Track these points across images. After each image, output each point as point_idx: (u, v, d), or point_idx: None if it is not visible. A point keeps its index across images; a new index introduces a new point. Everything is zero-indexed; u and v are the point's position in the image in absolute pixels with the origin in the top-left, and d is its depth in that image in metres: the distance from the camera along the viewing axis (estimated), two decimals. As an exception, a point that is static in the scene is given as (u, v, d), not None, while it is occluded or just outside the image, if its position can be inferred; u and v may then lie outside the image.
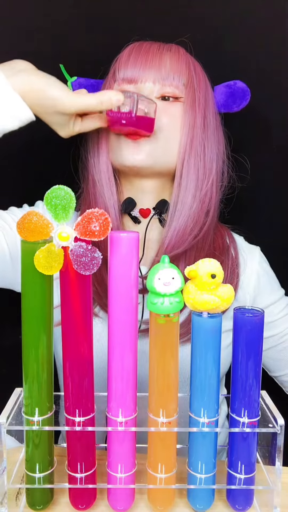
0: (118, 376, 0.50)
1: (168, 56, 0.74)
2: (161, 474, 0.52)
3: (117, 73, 0.75)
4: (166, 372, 0.49)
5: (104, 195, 0.75)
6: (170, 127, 0.73)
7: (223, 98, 0.79)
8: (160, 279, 0.45)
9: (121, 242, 0.47)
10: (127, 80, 0.74)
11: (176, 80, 0.73)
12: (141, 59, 0.74)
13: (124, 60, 0.75)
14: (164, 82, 0.73)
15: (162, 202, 0.76)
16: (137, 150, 0.72)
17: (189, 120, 0.73)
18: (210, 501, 0.54)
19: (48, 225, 0.44)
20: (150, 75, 0.73)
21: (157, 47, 0.75)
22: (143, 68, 0.73)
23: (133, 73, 0.74)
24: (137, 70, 0.74)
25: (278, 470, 0.51)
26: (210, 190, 0.75)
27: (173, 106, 0.74)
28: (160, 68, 0.73)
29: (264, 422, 0.51)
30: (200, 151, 0.74)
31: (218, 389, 0.50)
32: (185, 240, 0.73)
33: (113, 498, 0.53)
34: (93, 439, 0.52)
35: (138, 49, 0.75)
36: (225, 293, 0.47)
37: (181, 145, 0.73)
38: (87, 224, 0.44)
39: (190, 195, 0.74)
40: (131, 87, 0.74)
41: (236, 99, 0.79)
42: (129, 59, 0.75)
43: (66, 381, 0.50)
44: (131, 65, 0.74)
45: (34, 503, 0.53)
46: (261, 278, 0.80)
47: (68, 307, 0.47)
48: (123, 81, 0.75)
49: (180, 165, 0.74)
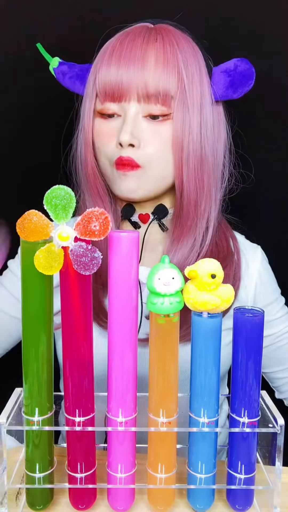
0: (118, 376, 0.50)
1: (153, 58, 0.66)
2: (161, 474, 0.52)
3: (98, 84, 0.68)
4: (166, 372, 0.49)
5: (103, 204, 0.74)
6: (160, 154, 0.68)
7: (221, 89, 0.71)
8: (160, 279, 0.45)
9: (121, 242, 0.47)
10: (110, 97, 0.68)
11: (162, 96, 0.66)
12: (122, 67, 0.66)
13: (104, 70, 0.67)
14: (149, 100, 0.66)
15: (160, 207, 0.75)
16: (127, 182, 0.69)
17: (182, 138, 0.68)
18: (210, 501, 0.54)
19: (48, 225, 0.44)
20: (134, 93, 0.66)
21: (140, 46, 0.66)
22: (126, 82, 0.66)
23: (115, 88, 0.67)
24: (119, 85, 0.66)
25: (278, 470, 0.51)
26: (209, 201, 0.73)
27: (161, 126, 0.68)
28: (145, 82, 0.65)
29: (264, 422, 0.51)
30: (197, 165, 0.70)
31: (218, 389, 0.50)
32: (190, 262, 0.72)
33: (113, 498, 0.53)
34: (93, 439, 0.52)
35: (119, 52, 0.67)
36: (225, 293, 0.47)
37: (176, 166, 0.69)
38: (87, 223, 0.44)
39: (192, 206, 0.72)
40: (115, 106, 0.68)
41: (237, 88, 0.71)
42: (110, 67, 0.66)
43: (66, 381, 0.50)
44: (113, 78, 0.66)
45: (34, 503, 0.53)
46: (262, 277, 0.80)
47: (68, 307, 0.47)
48: (105, 98, 0.68)
49: (179, 182, 0.70)
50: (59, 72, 0.75)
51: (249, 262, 0.79)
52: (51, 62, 0.76)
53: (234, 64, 0.71)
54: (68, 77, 0.74)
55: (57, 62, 0.76)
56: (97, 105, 0.70)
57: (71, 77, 0.74)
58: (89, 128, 0.71)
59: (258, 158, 0.84)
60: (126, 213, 0.75)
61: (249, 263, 0.79)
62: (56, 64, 0.76)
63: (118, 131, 0.68)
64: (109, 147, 0.70)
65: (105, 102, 0.69)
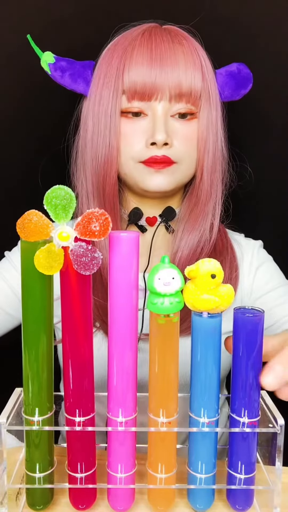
0: (118, 376, 0.50)
1: (182, 58, 0.67)
2: (161, 474, 0.52)
3: (127, 82, 0.68)
4: (166, 372, 0.49)
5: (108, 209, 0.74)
6: (189, 151, 0.71)
7: (227, 90, 0.74)
8: (160, 279, 0.45)
9: (121, 242, 0.47)
10: (140, 96, 0.68)
11: (194, 94, 0.69)
12: (155, 66, 0.66)
13: (134, 64, 0.67)
14: (181, 99, 0.68)
15: (168, 209, 0.76)
16: (161, 179, 0.71)
17: (206, 135, 0.71)
18: (210, 501, 0.54)
19: (48, 225, 0.44)
20: (166, 92, 0.67)
21: (168, 46, 0.68)
22: (159, 78, 0.66)
23: (146, 87, 0.67)
24: (152, 82, 0.67)
25: (278, 470, 0.51)
26: (218, 201, 0.75)
27: (189, 124, 0.71)
28: (179, 81, 0.67)
29: (264, 422, 0.51)
30: (214, 160, 0.73)
31: (218, 389, 0.50)
32: (196, 259, 0.73)
33: (113, 498, 0.53)
34: (93, 439, 0.52)
35: (149, 50, 0.67)
36: (225, 293, 0.47)
37: (199, 162, 0.72)
38: (87, 224, 0.44)
39: (203, 208, 0.74)
40: (144, 104, 0.69)
41: (241, 89, 0.75)
42: (143, 64, 0.66)
43: (66, 381, 0.50)
44: (146, 75, 0.66)
45: (34, 503, 0.53)
46: (259, 268, 0.80)
47: (68, 307, 0.47)
48: (134, 96, 0.68)
49: (199, 179, 0.73)
50: (58, 68, 0.72)
51: (244, 257, 0.80)
52: (42, 57, 0.72)
53: (236, 68, 0.74)
54: (68, 74, 0.72)
55: (51, 56, 0.72)
56: (123, 104, 0.70)
57: (73, 74, 0.72)
58: (116, 129, 0.70)
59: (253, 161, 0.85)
60: (133, 217, 0.75)
61: (244, 257, 0.80)
62: (52, 59, 0.72)
63: (146, 130, 0.69)
64: (135, 147, 0.70)
65: (132, 101, 0.69)
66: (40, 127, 0.97)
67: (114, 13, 0.85)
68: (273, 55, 0.95)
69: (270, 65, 0.95)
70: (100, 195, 0.74)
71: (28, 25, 0.92)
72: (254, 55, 0.89)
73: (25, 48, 0.75)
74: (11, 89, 0.99)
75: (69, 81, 0.72)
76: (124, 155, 0.71)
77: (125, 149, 0.71)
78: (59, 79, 0.73)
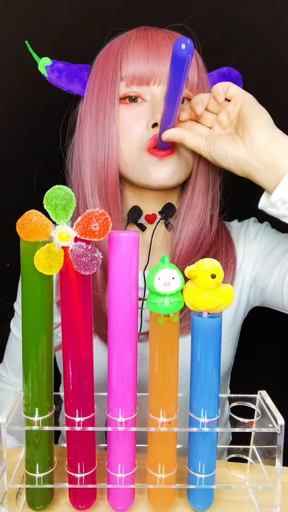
0: (118, 376, 0.50)
1: None
2: (161, 474, 0.52)
3: (125, 68, 0.69)
4: (166, 372, 0.49)
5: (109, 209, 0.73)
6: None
7: None
8: (160, 279, 0.45)
9: (121, 242, 0.47)
10: (138, 80, 0.69)
11: (191, 80, 0.70)
12: (152, 53, 0.68)
13: (132, 53, 0.68)
14: None
15: (168, 205, 0.75)
16: (165, 168, 0.70)
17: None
18: (210, 501, 0.54)
19: (48, 225, 0.44)
20: (164, 75, 0.67)
21: (163, 37, 0.69)
22: (157, 64, 0.67)
23: (145, 71, 0.68)
24: (150, 67, 0.67)
25: (278, 470, 0.51)
26: (217, 192, 0.75)
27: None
28: None
29: (264, 422, 0.51)
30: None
31: (218, 389, 0.50)
32: (197, 251, 0.73)
33: (113, 498, 0.53)
34: (93, 439, 0.52)
35: (145, 40, 0.69)
36: (225, 293, 0.47)
37: (197, 154, 0.71)
38: (87, 224, 0.44)
39: (201, 198, 0.74)
40: (143, 89, 0.69)
41: None
42: (140, 52, 0.68)
43: (66, 381, 0.50)
44: (144, 60, 0.68)
45: (34, 503, 0.53)
46: (257, 237, 0.79)
47: (68, 307, 0.47)
48: (132, 82, 0.69)
49: (196, 170, 0.73)
50: (55, 69, 0.73)
51: (239, 240, 0.80)
52: (39, 62, 0.73)
53: (227, 69, 0.76)
54: (65, 74, 0.73)
55: (49, 60, 0.74)
56: (121, 90, 0.70)
57: (69, 75, 0.73)
58: (115, 116, 0.70)
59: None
60: (133, 215, 0.75)
61: (239, 240, 0.80)
62: (49, 62, 0.73)
63: (146, 114, 0.69)
64: (136, 131, 0.70)
65: (131, 86, 0.69)
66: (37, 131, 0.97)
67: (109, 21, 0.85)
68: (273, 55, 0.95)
69: (270, 65, 0.95)
70: (102, 196, 0.73)
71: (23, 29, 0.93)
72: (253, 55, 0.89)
73: (22, 51, 0.75)
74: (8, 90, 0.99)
75: (66, 81, 0.73)
76: (127, 144, 0.70)
77: (125, 135, 0.70)
78: (56, 80, 0.73)
